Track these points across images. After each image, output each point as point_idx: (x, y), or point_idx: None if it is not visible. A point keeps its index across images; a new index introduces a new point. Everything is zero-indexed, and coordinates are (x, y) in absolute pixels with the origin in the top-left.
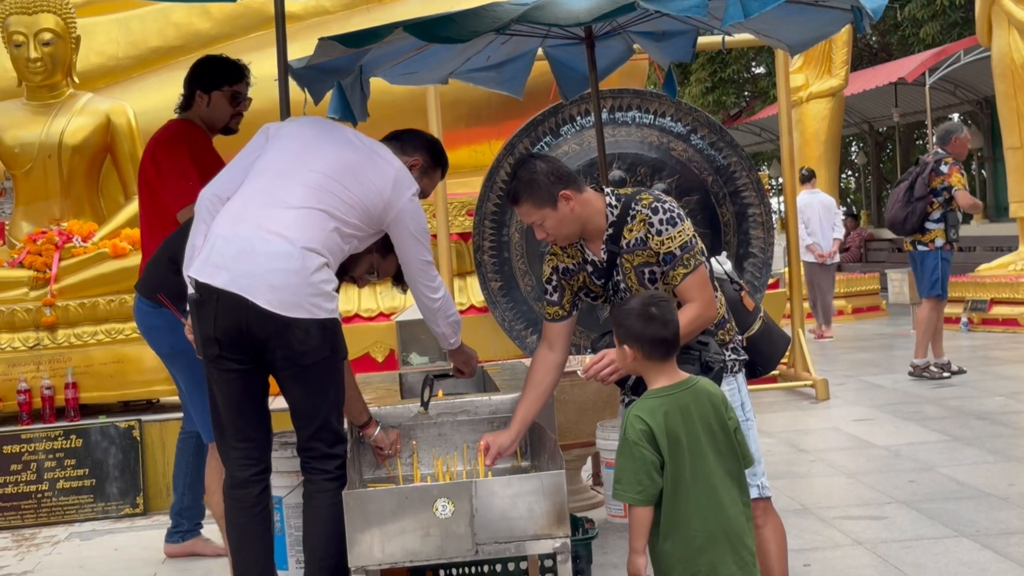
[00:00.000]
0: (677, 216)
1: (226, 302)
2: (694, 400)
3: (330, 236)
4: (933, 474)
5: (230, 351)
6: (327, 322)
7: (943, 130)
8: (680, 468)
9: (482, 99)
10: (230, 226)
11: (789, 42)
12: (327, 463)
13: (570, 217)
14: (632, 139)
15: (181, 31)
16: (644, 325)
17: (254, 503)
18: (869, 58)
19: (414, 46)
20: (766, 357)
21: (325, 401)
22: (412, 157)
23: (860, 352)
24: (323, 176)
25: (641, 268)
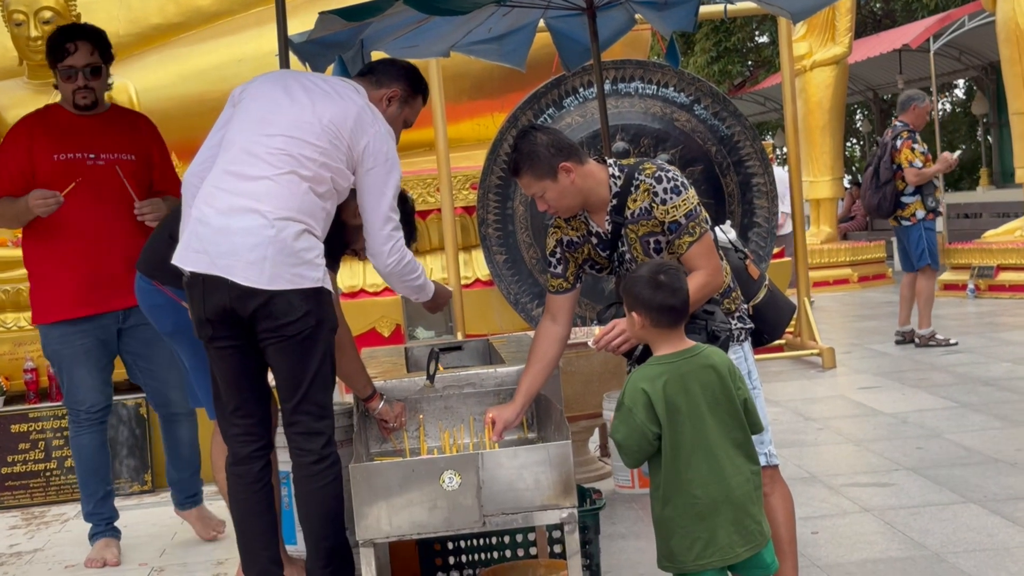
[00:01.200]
0: (681, 184)
1: (211, 285)
2: (697, 368)
3: (305, 198)
4: (940, 440)
5: (223, 330)
6: (311, 292)
7: (905, 97)
8: (679, 435)
9: (484, 72)
10: (204, 207)
11: (791, 9)
12: (312, 441)
13: (571, 189)
14: (635, 110)
15: (181, 8)
16: (653, 292)
17: (256, 479)
18: (873, 25)
19: (415, 19)
20: (772, 325)
21: (308, 372)
22: (389, 88)
23: (867, 320)
24: (285, 137)
25: (646, 238)
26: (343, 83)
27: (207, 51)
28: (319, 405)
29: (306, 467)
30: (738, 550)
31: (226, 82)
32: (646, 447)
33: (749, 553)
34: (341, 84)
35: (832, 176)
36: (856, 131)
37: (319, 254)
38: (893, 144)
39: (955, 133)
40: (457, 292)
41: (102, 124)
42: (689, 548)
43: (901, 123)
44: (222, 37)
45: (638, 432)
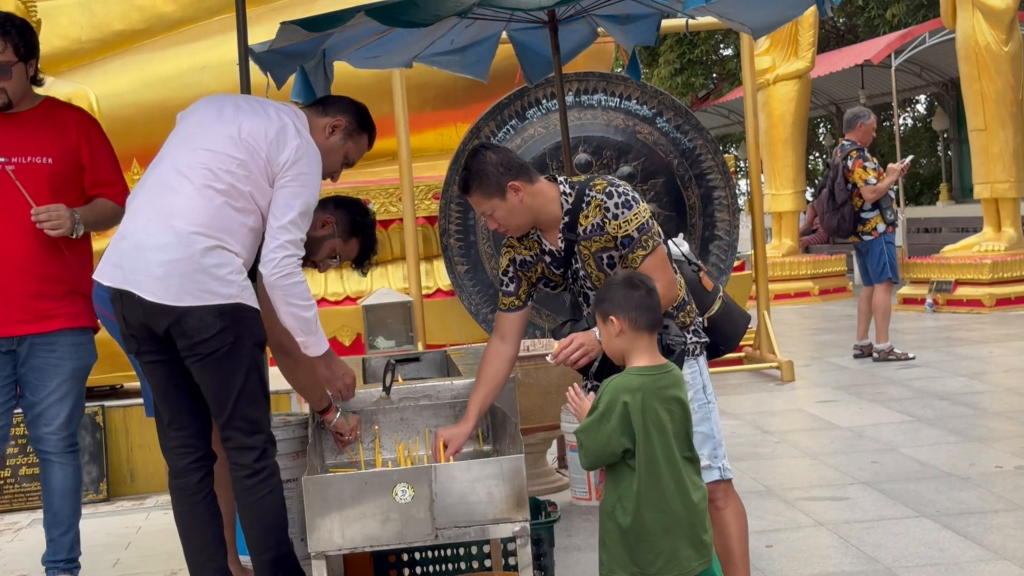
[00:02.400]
0: (632, 199)
1: (126, 300)
2: (671, 385)
3: (220, 212)
4: (895, 455)
5: (147, 344)
6: (224, 308)
7: (851, 115)
8: (653, 450)
9: (448, 83)
10: (127, 223)
11: (752, 25)
12: (244, 456)
13: (519, 208)
14: (598, 122)
15: (145, 14)
16: (628, 292)
17: (195, 490)
18: (836, 40)
19: (377, 30)
20: (727, 336)
21: (232, 389)
22: (334, 118)
23: (826, 333)
24: (206, 152)
25: (599, 254)
26: (277, 104)
27: (170, 58)
28: (249, 420)
29: (240, 481)
30: (693, 564)
31: (188, 89)
32: (607, 456)
33: (702, 567)
34: (273, 104)
35: (794, 189)
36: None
37: (233, 270)
38: (844, 164)
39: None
40: (418, 302)
41: (17, 125)
42: (652, 562)
43: (849, 142)
44: (185, 44)
45: (605, 439)
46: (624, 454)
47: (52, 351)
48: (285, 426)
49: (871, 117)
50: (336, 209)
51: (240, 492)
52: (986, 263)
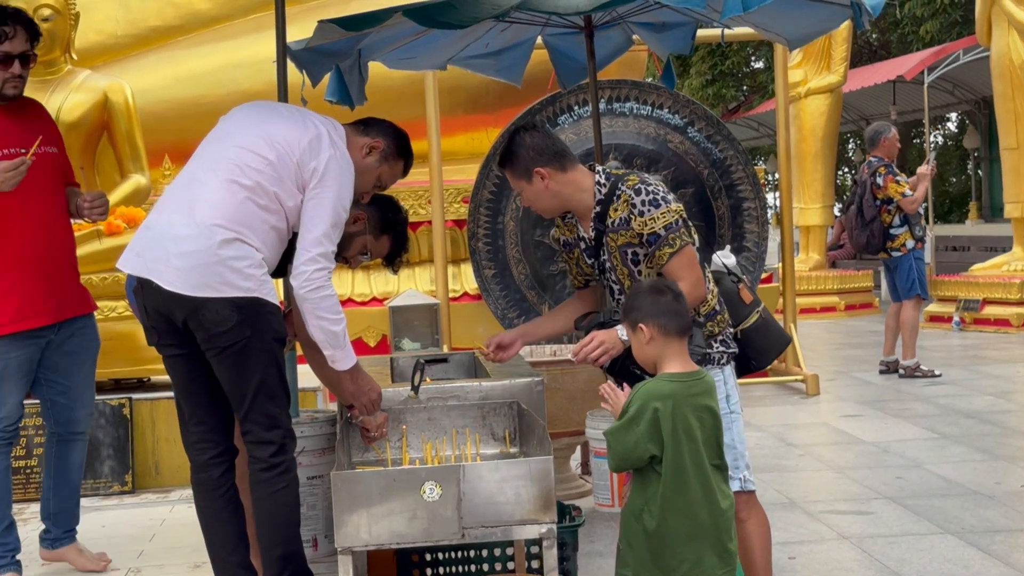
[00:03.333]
0: (661, 198)
1: (147, 289)
2: (703, 392)
3: (241, 207)
4: (920, 471)
5: (167, 338)
6: (241, 301)
7: (872, 132)
8: (682, 457)
9: (480, 86)
10: (153, 215)
11: (788, 36)
12: (261, 450)
13: (544, 194)
14: (629, 130)
15: (180, 11)
16: (656, 297)
17: (217, 485)
18: (868, 55)
19: (413, 31)
20: (760, 351)
21: (249, 384)
22: (373, 139)
23: (852, 349)
24: (237, 149)
25: (624, 248)
26: (316, 115)
27: (204, 55)
28: (267, 415)
29: (255, 474)
30: (718, 572)
31: (221, 87)
32: (634, 460)
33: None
34: (313, 115)
35: (823, 204)
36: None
37: (252, 264)
38: (873, 181)
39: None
40: (445, 305)
41: (21, 115)
42: (676, 568)
43: (876, 159)
44: (219, 42)
45: (632, 444)
46: (651, 460)
47: (84, 334)
48: (312, 422)
49: (892, 130)
50: (368, 206)
51: (255, 485)
52: (1015, 283)
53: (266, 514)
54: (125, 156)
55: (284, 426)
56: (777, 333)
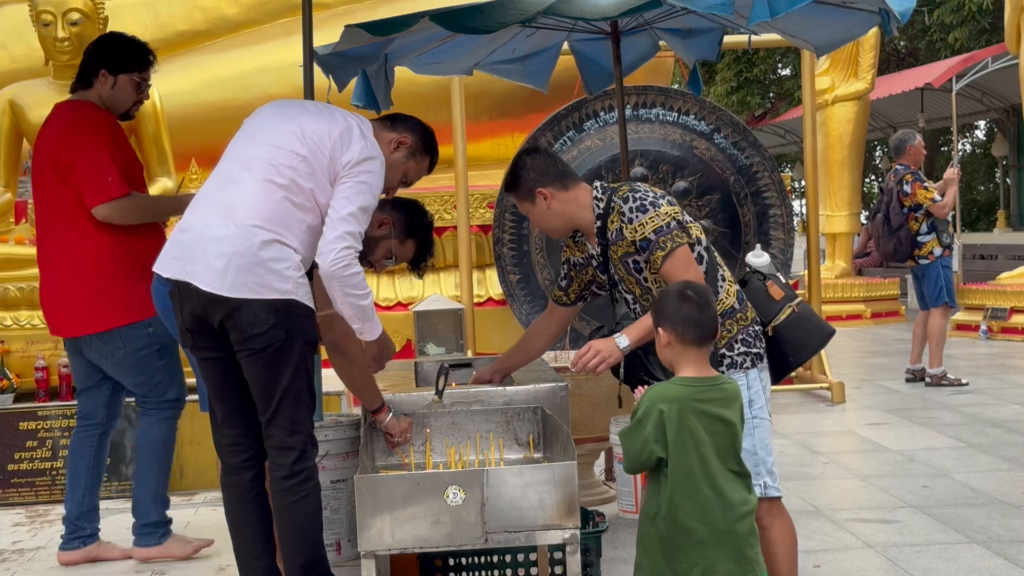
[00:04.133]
0: (649, 203)
1: (184, 291)
2: (717, 398)
3: (279, 207)
4: (946, 480)
5: (202, 340)
6: (278, 303)
7: (897, 140)
8: (688, 461)
9: (506, 92)
10: (188, 218)
11: (815, 43)
12: (283, 456)
13: (548, 213)
14: (655, 136)
15: (208, 15)
16: (679, 304)
17: (247, 488)
18: (896, 63)
19: (440, 36)
20: (796, 346)
21: (279, 386)
22: (401, 134)
23: (878, 356)
24: (269, 147)
25: (625, 258)
26: (342, 110)
27: (231, 59)
28: (291, 420)
29: (277, 482)
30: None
31: (248, 91)
32: (642, 461)
33: None
34: (339, 109)
35: (849, 211)
36: (875, 167)
37: (290, 266)
38: (900, 189)
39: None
40: (469, 310)
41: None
42: (688, 571)
43: (902, 166)
44: (247, 46)
45: (640, 445)
46: (660, 462)
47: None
48: (336, 426)
49: (917, 137)
50: (394, 210)
51: (276, 493)
52: None
53: (287, 522)
54: (152, 159)
55: (306, 432)
56: (816, 326)
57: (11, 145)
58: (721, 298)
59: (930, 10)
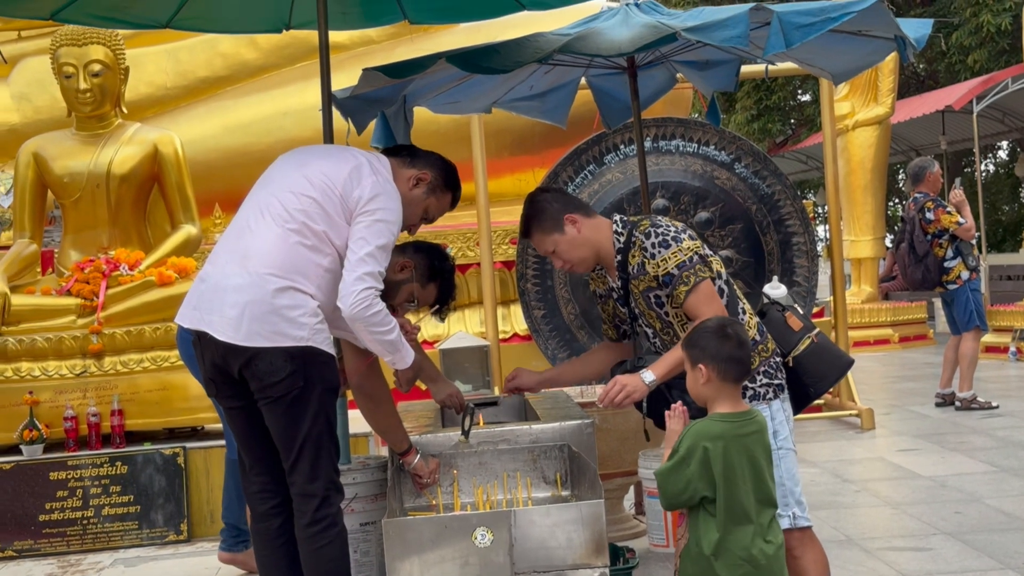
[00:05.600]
0: (672, 238)
1: (204, 341)
2: (754, 431)
3: (292, 252)
4: (979, 505)
5: (225, 389)
6: (295, 350)
7: (915, 168)
8: (734, 497)
9: (526, 128)
10: (207, 267)
11: (832, 71)
12: (306, 503)
13: (579, 239)
14: (676, 168)
15: (228, 61)
16: (721, 343)
17: (276, 535)
18: (916, 86)
19: (457, 76)
20: (816, 377)
21: (298, 434)
22: (420, 171)
23: (907, 382)
24: (281, 193)
25: (647, 293)
26: (354, 149)
27: (252, 104)
28: (312, 467)
29: (301, 528)
30: None
31: (270, 135)
32: (684, 500)
33: None
34: (351, 148)
35: (874, 236)
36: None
37: (306, 312)
38: (922, 216)
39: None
40: (495, 346)
41: None
42: None
43: (921, 194)
44: (267, 91)
45: (684, 484)
46: (702, 500)
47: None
48: (364, 468)
49: (935, 165)
50: (415, 253)
51: (301, 539)
52: None
53: (313, 568)
54: (176, 207)
55: (328, 478)
56: (835, 357)
57: (36, 197)
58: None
59: (948, 33)
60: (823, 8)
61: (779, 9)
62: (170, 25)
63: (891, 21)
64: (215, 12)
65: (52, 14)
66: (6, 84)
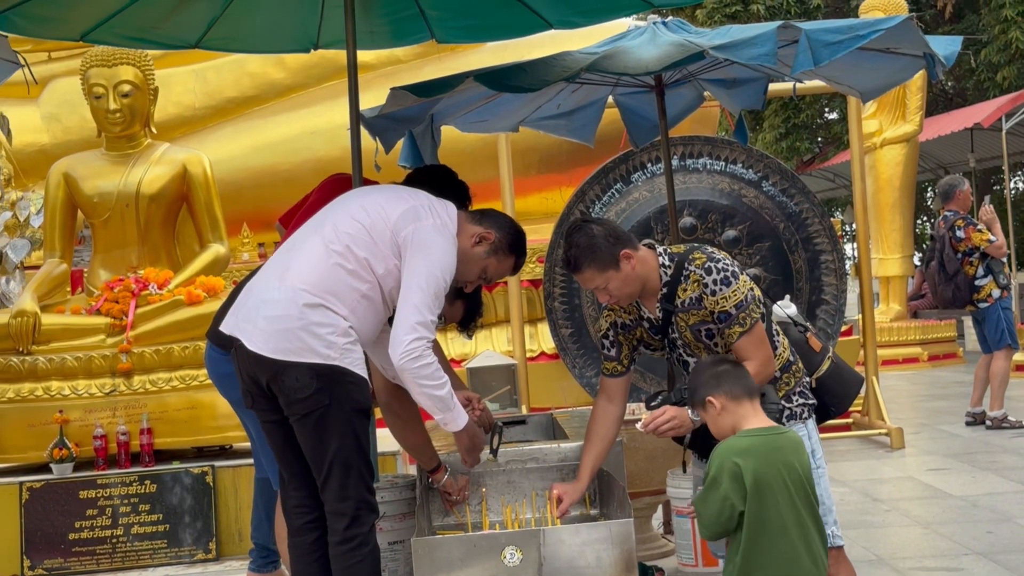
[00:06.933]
0: (731, 275)
1: (238, 349)
2: (785, 446)
3: (330, 273)
4: (1011, 525)
5: (261, 402)
6: (321, 368)
7: (946, 186)
8: (766, 513)
9: (553, 147)
10: (254, 279)
11: (861, 88)
12: (337, 521)
13: (632, 276)
14: (703, 186)
15: (256, 81)
16: (714, 370)
17: (311, 549)
18: (944, 103)
19: (485, 95)
20: (838, 397)
21: (326, 453)
22: (485, 229)
23: (936, 400)
24: (336, 214)
25: (697, 327)
26: (423, 193)
27: (280, 124)
28: (341, 486)
29: (333, 547)
30: None
31: (297, 154)
32: (725, 521)
33: None
34: (420, 192)
35: (902, 254)
36: (927, 209)
37: (336, 331)
38: (952, 235)
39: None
40: (522, 365)
41: None
42: None
43: (951, 212)
44: (295, 110)
45: (719, 504)
46: (740, 516)
47: None
48: (392, 487)
49: (966, 183)
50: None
51: (332, 557)
52: None
53: None
54: (204, 226)
55: (358, 498)
56: (850, 376)
57: (66, 216)
58: (779, 352)
59: (977, 50)
60: (852, 26)
61: (807, 27)
62: (199, 45)
63: (920, 39)
64: (244, 32)
65: (82, 35)
66: (36, 105)
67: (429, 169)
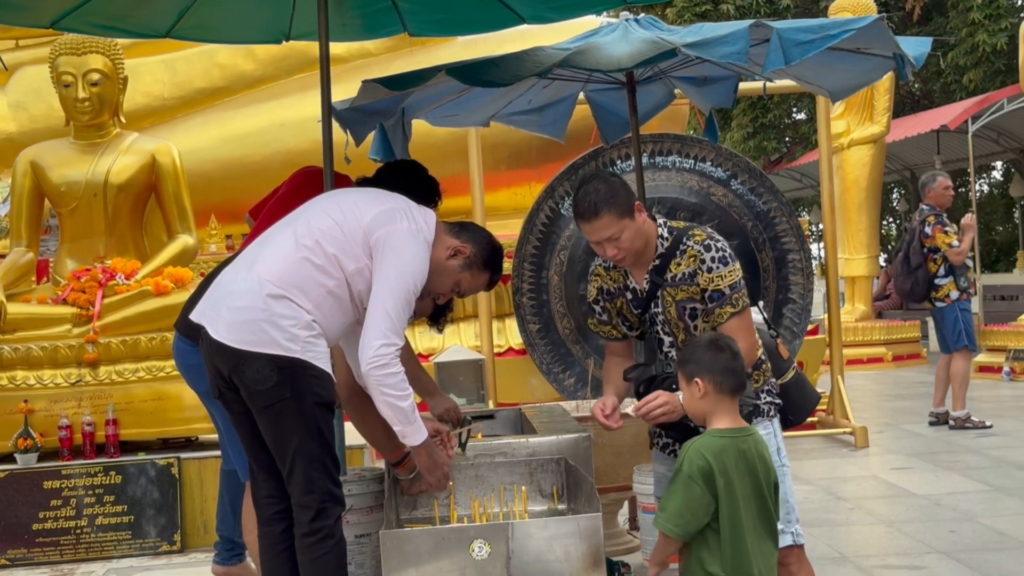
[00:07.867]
0: (729, 256)
1: (203, 337)
2: (753, 447)
3: (297, 266)
4: (973, 524)
5: (226, 393)
6: (282, 360)
7: (926, 178)
8: (737, 513)
9: (523, 142)
10: (226, 269)
11: (831, 88)
12: (301, 513)
13: (642, 230)
14: (672, 184)
15: (226, 72)
16: (715, 355)
17: (279, 540)
18: (911, 105)
19: (456, 89)
20: (797, 407)
21: (289, 445)
22: (461, 243)
23: (900, 400)
24: (314, 211)
25: (683, 303)
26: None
27: (249, 115)
28: (306, 479)
29: (299, 539)
30: None
31: (267, 146)
32: (700, 519)
33: None
34: (399, 197)
35: (868, 254)
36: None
37: (299, 324)
38: (922, 229)
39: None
40: (490, 360)
41: None
42: None
43: (928, 207)
44: (265, 102)
45: (695, 502)
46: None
47: None
48: (360, 480)
49: (939, 178)
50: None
51: (298, 549)
52: None
53: None
54: (173, 217)
55: (322, 491)
56: (810, 391)
57: (33, 205)
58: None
59: (944, 52)
60: (823, 25)
61: (779, 26)
62: (170, 35)
63: (891, 39)
64: (215, 22)
65: (52, 23)
66: (3, 93)
67: (399, 164)
